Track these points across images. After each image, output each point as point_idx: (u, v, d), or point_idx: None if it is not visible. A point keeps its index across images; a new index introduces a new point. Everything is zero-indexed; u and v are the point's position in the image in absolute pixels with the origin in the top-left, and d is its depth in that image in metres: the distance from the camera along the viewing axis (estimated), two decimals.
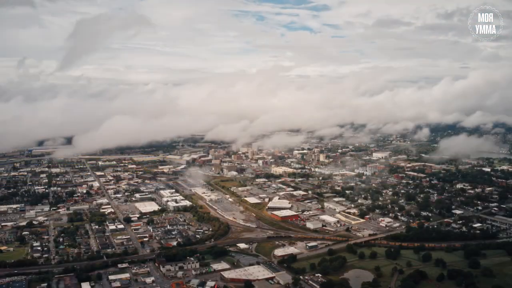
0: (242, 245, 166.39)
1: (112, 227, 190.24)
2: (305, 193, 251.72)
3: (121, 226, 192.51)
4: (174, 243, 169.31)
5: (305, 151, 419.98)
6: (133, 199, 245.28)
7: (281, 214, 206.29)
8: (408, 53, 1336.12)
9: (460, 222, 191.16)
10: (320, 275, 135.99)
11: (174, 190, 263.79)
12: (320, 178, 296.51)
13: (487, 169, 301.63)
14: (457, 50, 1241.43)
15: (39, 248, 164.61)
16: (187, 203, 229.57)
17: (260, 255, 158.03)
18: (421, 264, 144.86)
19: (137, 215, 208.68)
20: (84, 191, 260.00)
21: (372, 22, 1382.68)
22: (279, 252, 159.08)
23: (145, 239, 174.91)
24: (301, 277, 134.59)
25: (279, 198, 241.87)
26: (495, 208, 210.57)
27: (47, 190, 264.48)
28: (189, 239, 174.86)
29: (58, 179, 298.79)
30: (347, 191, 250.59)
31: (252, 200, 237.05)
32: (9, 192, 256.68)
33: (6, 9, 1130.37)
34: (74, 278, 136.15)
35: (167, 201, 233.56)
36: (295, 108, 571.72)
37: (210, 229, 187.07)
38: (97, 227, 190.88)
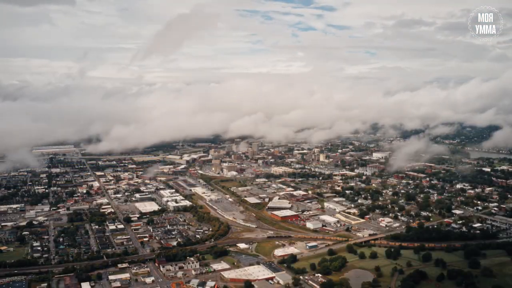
0: (242, 245, 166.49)
1: (112, 227, 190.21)
2: (305, 193, 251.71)
3: (121, 226, 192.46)
4: (174, 243, 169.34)
5: (305, 151, 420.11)
6: (133, 199, 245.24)
7: (281, 214, 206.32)
8: (418, 53, 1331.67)
9: (460, 222, 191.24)
10: (320, 275, 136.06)
11: (174, 190, 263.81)
12: (320, 178, 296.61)
13: (487, 169, 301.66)
14: (466, 51, 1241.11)
15: (39, 248, 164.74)
16: (187, 203, 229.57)
17: (260, 255, 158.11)
18: (421, 264, 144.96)
19: (137, 215, 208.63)
20: (84, 191, 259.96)
21: (393, 23, 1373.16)
22: (279, 252, 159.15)
23: (145, 239, 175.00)
24: (301, 277, 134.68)
25: (279, 198, 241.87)
26: (495, 208, 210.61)
27: (47, 190, 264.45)
28: (189, 239, 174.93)
29: (58, 179, 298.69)
30: (347, 191, 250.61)
31: (252, 200, 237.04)
32: (9, 192, 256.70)
33: (17, 8, 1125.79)
34: (74, 278, 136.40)
35: (167, 201, 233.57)
36: (317, 107, 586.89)
37: (210, 229, 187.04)
38: (97, 227, 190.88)
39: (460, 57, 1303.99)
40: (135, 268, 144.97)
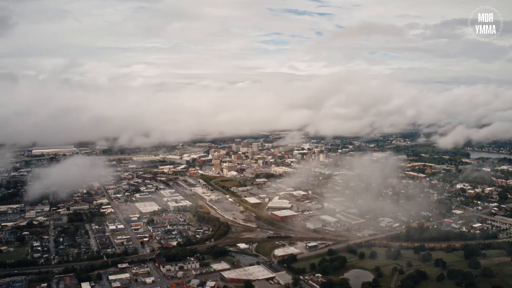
0: (242, 245, 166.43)
1: (112, 227, 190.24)
2: (305, 193, 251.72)
3: (121, 226, 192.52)
4: (174, 243, 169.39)
5: (305, 151, 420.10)
6: (133, 199, 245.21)
7: (281, 214, 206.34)
8: (437, 54, 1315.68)
9: (460, 222, 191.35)
10: (320, 275, 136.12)
11: (174, 190, 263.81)
12: (320, 178, 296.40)
13: (487, 169, 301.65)
14: (483, 50, 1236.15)
15: (39, 248, 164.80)
16: (187, 203, 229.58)
17: (260, 255, 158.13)
18: (421, 264, 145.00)
19: (137, 215, 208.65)
20: (84, 191, 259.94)
21: (402, 24, 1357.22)
22: (279, 252, 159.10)
23: (145, 239, 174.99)
24: (301, 277, 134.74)
25: (279, 198, 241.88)
26: (495, 208, 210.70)
27: (47, 190, 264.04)
28: (189, 239, 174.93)
29: None
30: (347, 191, 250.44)
31: (252, 200, 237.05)
32: (9, 192, 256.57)
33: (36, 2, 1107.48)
34: (74, 278, 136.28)
35: (167, 201, 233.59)
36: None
37: (210, 229, 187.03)
38: (97, 227, 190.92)
39: (479, 57, 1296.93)
40: (135, 268, 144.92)
